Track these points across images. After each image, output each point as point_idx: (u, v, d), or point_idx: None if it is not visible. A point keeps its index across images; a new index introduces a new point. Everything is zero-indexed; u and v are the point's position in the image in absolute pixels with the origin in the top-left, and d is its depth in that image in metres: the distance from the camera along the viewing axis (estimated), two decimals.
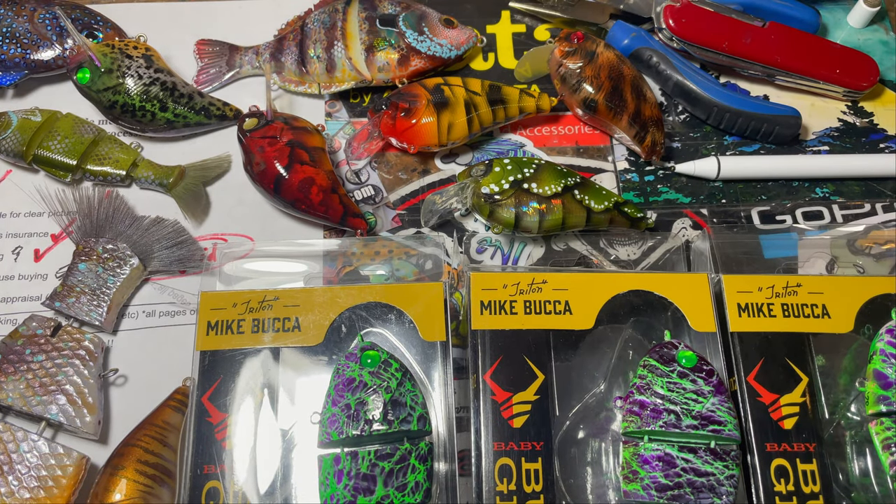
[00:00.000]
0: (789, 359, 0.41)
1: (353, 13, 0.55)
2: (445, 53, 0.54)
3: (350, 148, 0.53)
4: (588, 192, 0.48)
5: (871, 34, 0.60)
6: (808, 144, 0.55)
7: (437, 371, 0.41)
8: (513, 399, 0.39)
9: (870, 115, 0.56)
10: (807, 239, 0.47)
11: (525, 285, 0.42)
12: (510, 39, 0.59)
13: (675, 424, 0.37)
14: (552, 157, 0.54)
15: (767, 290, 0.42)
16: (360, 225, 0.48)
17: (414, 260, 0.47)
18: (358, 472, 0.36)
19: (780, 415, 0.39)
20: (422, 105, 0.50)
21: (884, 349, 0.40)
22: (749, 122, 0.53)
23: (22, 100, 0.55)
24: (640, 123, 0.52)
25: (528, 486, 0.38)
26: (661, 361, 0.39)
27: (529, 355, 0.40)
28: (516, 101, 0.53)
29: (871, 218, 0.52)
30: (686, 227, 0.51)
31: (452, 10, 0.59)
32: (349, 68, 0.54)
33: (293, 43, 0.55)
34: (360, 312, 0.42)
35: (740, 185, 0.53)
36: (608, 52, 0.53)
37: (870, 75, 0.55)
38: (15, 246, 0.50)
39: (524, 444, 0.39)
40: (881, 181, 0.53)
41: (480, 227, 0.51)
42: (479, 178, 0.47)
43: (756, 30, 0.55)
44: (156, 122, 0.52)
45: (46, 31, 0.54)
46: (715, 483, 0.37)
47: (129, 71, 0.51)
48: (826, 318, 0.42)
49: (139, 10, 0.59)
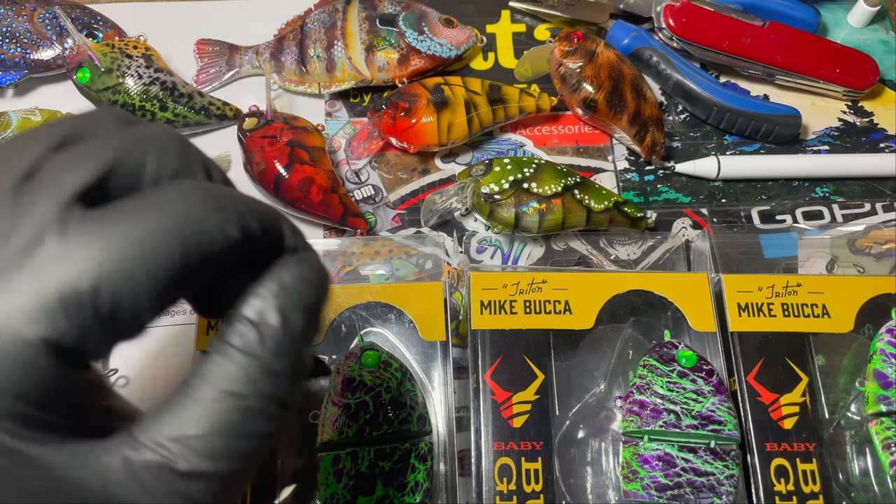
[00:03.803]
0: (789, 358, 0.41)
1: (353, 13, 0.55)
2: (445, 53, 0.54)
3: (350, 147, 0.53)
4: (588, 192, 0.48)
5: (871, 34, 0.60)
6: (809, 144, 0.55)
7: (436, 371, 0.41)
8: (513, 399, 0.39)
9: (870, 114, 0.56)
10: (807, 239, 0.47)
11: (525, 285, 0.42)
12: (510, 39, 0.59)
13: (675, 424, 0.37)
14: (552, 156, 0.54)
15: (767, 289, 0.42)
16: (360, 224, 0.48)
17: (414, 260, 0.46)
18: (357, 471, 0.36)
19: (780, 414, 0.39)
20: (422, 105, 0.50)
21: (884, 349, 0.40)
22: (749, 121, 0.53)
23: (22, 99, 0.55)
24: (641, 123, 0.52)
25: (527, 485, 0.38)
26: (661, 361, 0.39)
27: (529, 355, 0.40)
28: (516, 101, 0.53)
29: (872, 217, 0.52)
30: (686, 226, 0.51)
31: (452, 9, 0.59)
32: (349, 68, 0.54)
33: (293, 42, 0.55)
34: (359, 312, 0.42)
35: (740, 185, 0.53)
36: (608, 52, 0.53)
37: (870, 75, 0.55)
38: None
39: (524, 444, 0.39)
40: (881, 181, 0.53)
41: (480, 227, 0.51)
42: (478, 177, 0.47)
43: (756, 29, 0.55)
44: (155, 122, 0.52)
45: (46, 30, 0.54)
46: (715, 483, 0.37)
47: (129, 70, 0.51)
48: (826, 318, 0.42)
49: (139, 9, 0.59)
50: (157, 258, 0.18)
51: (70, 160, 0.19)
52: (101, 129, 0.21)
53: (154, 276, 0.18)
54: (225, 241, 0.20)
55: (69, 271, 0.18)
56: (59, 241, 0.18)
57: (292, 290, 0.21)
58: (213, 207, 0.20)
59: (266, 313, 0.21)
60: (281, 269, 0.22)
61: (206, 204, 0.20)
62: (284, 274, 0.22)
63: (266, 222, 0.21)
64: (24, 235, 0.18)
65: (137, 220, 0.19)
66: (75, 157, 0.19)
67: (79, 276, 0.18)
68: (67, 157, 0.19)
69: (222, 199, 0.20)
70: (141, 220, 0.19)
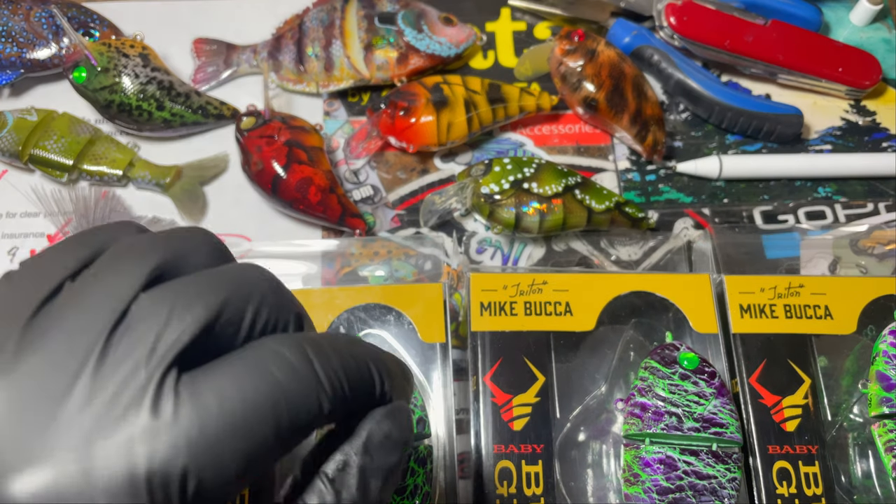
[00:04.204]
0: (792, 360, 0.40)
1: (352, 11, 0.54)
2: (445, 52, 0.54)
3: (348, 147, 0.52)
4: (589, 192, 0.47)
5: (873, 32, 0.59)
6: (811, 143, 0.55)
7: (436, 373, 0.40)
8: (513, 401, 0.39)
9: (872, 113, 0.56)
10: (809, 239, 0.47)
11: (525, 286, 0.41)
12: (510, 37, 0.59)
13: (676, 427, 0.37)
14: (552, 156, 0.54)
15: (770, 290, 0.42)
16: (359, 225, 0.48)
17: (413, 260, 0.46)
18: None
19: (782, 417, 0.39)
20: (421, 104, 0.50)
21: (886, 350, 0.40)
22: (751, 120, 0.53)
23: (18, 99, 0.55)
24: (642, 122, 0.51)
25: (528, 488, 0.38)
26: (662, 363, 0.39)
27: (530, 357, 0.40)
28: (516, 100, 0.52)
29: (874, 218, 0.51)
30: (688, 226, 0.50)
31: (452, 7, 0.58)
32: (347, 67, 0.53)
33: (291, 41, 0.55)
34: (358, 314, 0.42)
35: (742, 185, 0.53)
36: (609, 51, 0.52)
37: (872, 74, 0.55)
38: (11, 247, 0.49)
39: (524, 447, 0.38)
40: (884, 180, 0.53)
41: (480, 227, 0.50)
42: (478, 177, 0.47)
43: (758, 28, 0.54)
44: (153, 122, 0.51)
45: (42, 29, 0.53)
46: (717, 486, 0.37)
47: (126, 70, 0.51)
48: (829, 319, 0.41)
49: (136, 8, 0.59)
50: (250, 437, 0.18)
51: (167, 309, 0.18)
52: (195, 260, 0.20)
53: (245, 455, 0.18)
54: (318, 412, 0.20)
55: (159, 451, 0.17)
56: (151, 416, 0.17)
57: (376, 453, 0.21)
58: (308, 375, 0.19)
59: (347, 476, 0.21)
60: (367, 428, 0.22)
61: (302, 371, 0.19)
62: (370, 434, 0.22)
63: (357, 381, 0.21)
64: (116, 404, 0.17)
65: (234, 392, 0.18)
66: (172, 305, 0.18)
67: (169, 457, 0.17)
68: (164, 303, 0.18)
69: (317, 361, 0.20)
70: (237, 392, 0.18)
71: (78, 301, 0.18)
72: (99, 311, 0.18)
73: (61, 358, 0.17)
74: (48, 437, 0.17)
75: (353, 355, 0.21)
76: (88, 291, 0.19)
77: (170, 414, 0.17)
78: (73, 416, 0.17)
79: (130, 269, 0.19)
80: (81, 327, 0.18)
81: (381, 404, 0.22)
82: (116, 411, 0.17)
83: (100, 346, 0.18)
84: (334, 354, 0.20)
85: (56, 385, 0.17)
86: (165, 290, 0.19)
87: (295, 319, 0.21)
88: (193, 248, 0.21)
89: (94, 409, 0.17)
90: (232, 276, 0.20)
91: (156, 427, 0.17)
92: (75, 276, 0.19)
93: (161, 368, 0.17)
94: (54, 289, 0.19)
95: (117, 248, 0.20)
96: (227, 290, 0.20)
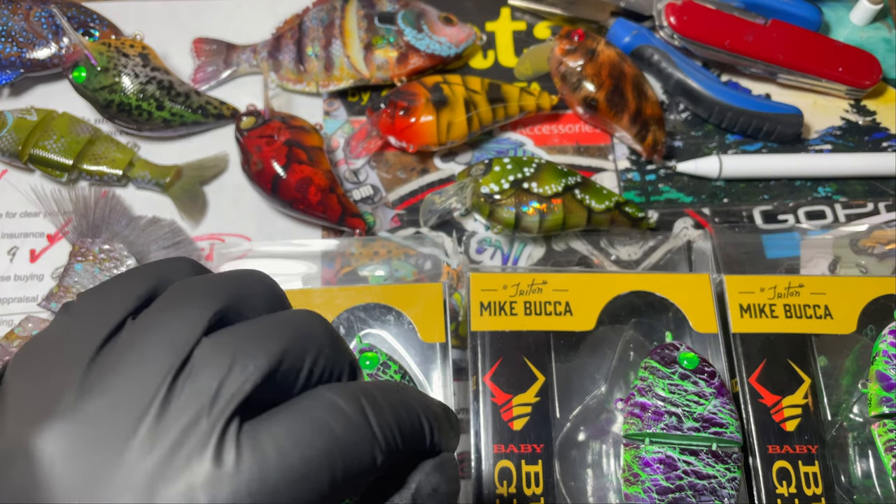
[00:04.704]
0: (791, 360, 0.40)
1: (352, 11, 0.54)
2: (444, 51, 0.54)
3: (348, 147, 0.52)
4: (589, 192, 0.47)
5: (873, 32, 0.59)
6: (811, 143, 0.55)
7: (436, 373, 0.40)
8: (513, 401, 0.39)
9: (872, 113, 0.56)
10: (809, 239, 0.46)
11: (525, 286, 0.41)
12: (510, 37, 0.59)
13: (676, 427, 0.37)
14: (552, 156, 0.54)
15: (770, 290, 0.42)
16: (359, 225, 0.48)
17: (413, 260, 0.46)
18: None
19: (782, 416, 0.39)
20: (421, 103, 0.50)
21: (886, 350, 0.40)
22: (751, 120, 0.53)
23: (17, 99, 0.55)
24: (642, 122, 0.51)
25: (528, 488, 0.38)
26: (662, 363, 0.39)
27: (530, 357, 0.40)
28: (516, 100, 0.52)
29: (874, 217, 0.51)
30: (688, 226, 0.50)
31: (452, 7, 0.58)
32: (347, 66, 0.53)
33: (291, 41, 0.55)
34: (358, 313, 0.42)
35: (742, 185, 0.53)
36: (609, 50, 0.52)
37: (872, 73, 0.55)
38: (11, 246, 0.49)
39: (524, 447, 0.38)
40: (884, 180, 0.53)
41: (480, 227, 0.50)
42: (478, 177, 0.47)
43: (758, 27, 0.54)
44: (152, 121, 0.51)
45: (42, 29, 0.53)
46: (717, 486, 0.37)
47: (126, 69, 0.51)
48: (828, 319, 0.41)
49: (136, 8, 0.59)
50: (306, 488, 0.18)
51: (229, 357, 0.18)
52: (254, 303, 0.20)
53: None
54: (371, 464, 0.20)
55: (221, 500, 0.17)
56: (214, 464, 0.17)
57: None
58: (363, 428, 0.20)
59: None
60: (416, 480, 0.22)
61: (358, 423, 0.19)
62: (419, 487, 0.22)
63: (409, 433, 0.21)
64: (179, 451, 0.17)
65: (293, 443, 0.18)
66: (235, 353, 0.18)
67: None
68: (226, 351, 0.18)
69: (371, 414, 0.20)
70: (296, 443, 0.18)
71: (141, 342, 0.18)
72: (162, 354, 0.18)
73: (125, 401, 0.17)
74: (112, 482, 0.17)
75: (405, 407, 0.21)
76: (151, 332, 0.19)
77: (232, 464, 0.17)
78: (137, 461, 0.17)
79: (192, 312, 0.19)
80: (145, 371, 0.18)
81: (430, 455, 0.22)
82: (179, 458, 0.17)
83: (163, 391, 0.18)
84: (388, 407, 0.21)
85: (120, 429, 0.17)
86: (227, 337, 0.19)
87: (349, 369, 0.22)
88: (252, 291, 0.21)
89: (156, 454, 0.17)
90: (292, 324, 0.20)
91: (218, 476, 0.17)
92: (135, 313, 0.19)
93: (224, 417, 0.18)
94: (115, 327, 0.19)
95: (177, 289, 0.20)
96: (288, 339, 0.20)
